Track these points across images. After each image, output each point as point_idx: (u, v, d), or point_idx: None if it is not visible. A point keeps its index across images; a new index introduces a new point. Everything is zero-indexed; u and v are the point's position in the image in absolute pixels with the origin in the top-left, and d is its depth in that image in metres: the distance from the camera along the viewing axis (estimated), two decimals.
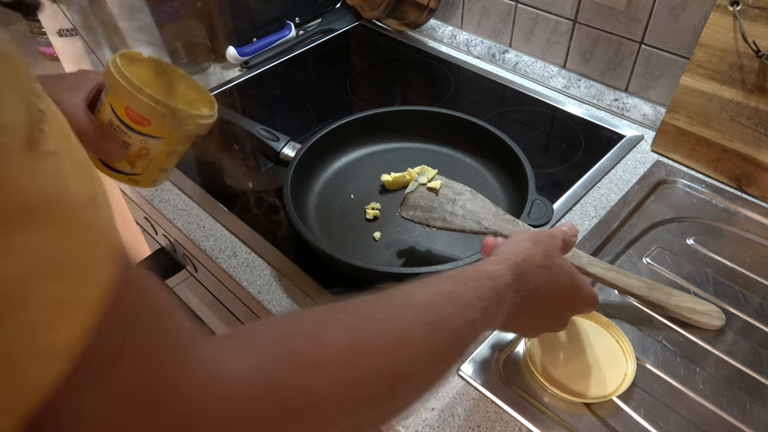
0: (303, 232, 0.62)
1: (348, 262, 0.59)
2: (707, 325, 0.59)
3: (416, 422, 0.54)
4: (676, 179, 0.77)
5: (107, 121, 0.52)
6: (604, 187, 0.77)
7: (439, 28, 1.11)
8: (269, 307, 0.64)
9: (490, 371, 0.57)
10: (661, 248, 0.68)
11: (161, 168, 0.58)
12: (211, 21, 1.03)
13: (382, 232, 0.70)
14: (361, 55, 1.09)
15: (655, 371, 0.57)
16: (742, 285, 0.64)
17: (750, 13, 0.68)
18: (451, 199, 0.63)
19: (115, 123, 0.52)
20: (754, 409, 0.53)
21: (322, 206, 0.74)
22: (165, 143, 0.55)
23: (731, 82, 0.72)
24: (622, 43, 0.86)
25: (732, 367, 0.57)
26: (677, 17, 0.79)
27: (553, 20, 0.93)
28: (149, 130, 0.53)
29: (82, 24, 0.84)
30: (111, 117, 0.52)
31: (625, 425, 0.53)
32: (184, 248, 0.81)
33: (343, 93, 0.99)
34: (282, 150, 0.75)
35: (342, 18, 1.17)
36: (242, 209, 0.76)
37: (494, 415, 0.54)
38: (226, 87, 1.01)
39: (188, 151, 0.60)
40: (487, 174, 0.77)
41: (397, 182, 0.75)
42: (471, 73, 1.01)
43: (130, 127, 0.52)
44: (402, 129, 0.81)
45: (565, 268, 0.48)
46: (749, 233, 0.70)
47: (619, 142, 0.84)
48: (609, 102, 0.91)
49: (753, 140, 0.72)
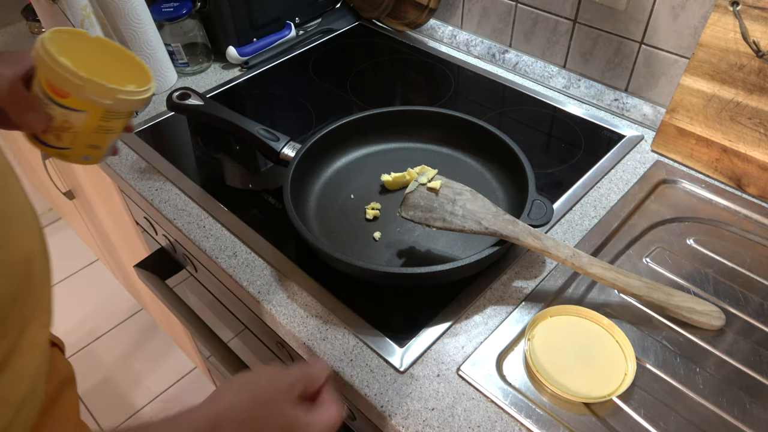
0: (303, 232, 0.62)
1: (348, 262, 0.59)
2: (707, 325, 0.59)
3: (416, 422, 0.54)
4: (676, 179, 0.77)
5: (35, 94, 0.54)
6: (604, 187, 0.77)
7: (439, 28, 1.11)
8: (269, 307, 0.64)
9: (490, 371, 0.57)
10: (661, 248, 0.68)
11: (90, 144, 0.59)
12: (211, 21, 1.03)
13: (382, 232, 0.70)
14: (361, 55, 1.09)
15: (655, 371, 0.57)
16: (742, 285, 0.64)
17: (750, 13, 0.68)
18: (451, 199, 0.63)
19: (41, 96, 0.54)
20: (754, 409, 0.53)
21: (322, 206, 0.74)
22: (88, 117, 0.56)
23: (731, 82, 0.72)
24: (622, 43, 0.86)
25: (732, 367, 0.57)
26: (677, 17, 0.79)
27: (553, 20, 0.93)
28: (69, 102, 0.54)
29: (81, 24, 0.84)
30: (37, 90, 0.54)
31: (625, 425, 0.53)
32: (184, 248, 0.81)
33: (343, 93, 0.99)
34: (282, 150, 0.75)
35: (342, 18, 1.17)
36: (242, 209, 0.76)
37: (494, 415, 0.54)
38: (226, 87, 1.01)
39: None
40: (487, 174, 0.77)
41: (397, 182, 0.75)
42: (471, 73, 1.01)
43: (52, 99, 0.54)
44: (402, 129, 0.81)
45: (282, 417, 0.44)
46: (749, 233, 0.70)
47: (619, 142, 0.84)
48: (609, 102, 0.91)
49: (753, 140, 0.72)
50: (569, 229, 0.72)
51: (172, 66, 1.01)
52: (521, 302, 0.63)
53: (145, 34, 0.93)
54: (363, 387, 0.57)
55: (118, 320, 1.80)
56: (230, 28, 1.02)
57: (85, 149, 0.59)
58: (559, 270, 0.66)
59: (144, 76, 0.60)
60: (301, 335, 0.61)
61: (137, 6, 0.90)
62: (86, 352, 1.71)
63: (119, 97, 0.56)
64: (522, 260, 0.68)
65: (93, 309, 1.83)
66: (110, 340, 1.75)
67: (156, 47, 0.96)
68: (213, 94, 0.99)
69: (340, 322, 0.62)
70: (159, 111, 0.95)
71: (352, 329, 0.61)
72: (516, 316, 0.62)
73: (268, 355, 0.86)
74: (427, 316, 0.62)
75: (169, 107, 0.81)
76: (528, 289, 0.65)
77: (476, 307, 0.63)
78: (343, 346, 0.60)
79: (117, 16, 0.89)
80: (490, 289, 0.65)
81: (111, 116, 0.58)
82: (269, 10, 1.07)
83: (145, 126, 0.92)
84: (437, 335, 0.60)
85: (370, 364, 0.59)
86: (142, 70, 0.61)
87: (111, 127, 0.59)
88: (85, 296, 1.87)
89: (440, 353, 0.59)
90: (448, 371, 0.58)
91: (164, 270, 0.92)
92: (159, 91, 1.00)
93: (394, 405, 0.55)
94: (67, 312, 1.81)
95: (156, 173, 0.83)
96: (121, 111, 0.58)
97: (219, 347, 0.80)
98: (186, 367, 1.66)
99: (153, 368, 1.67)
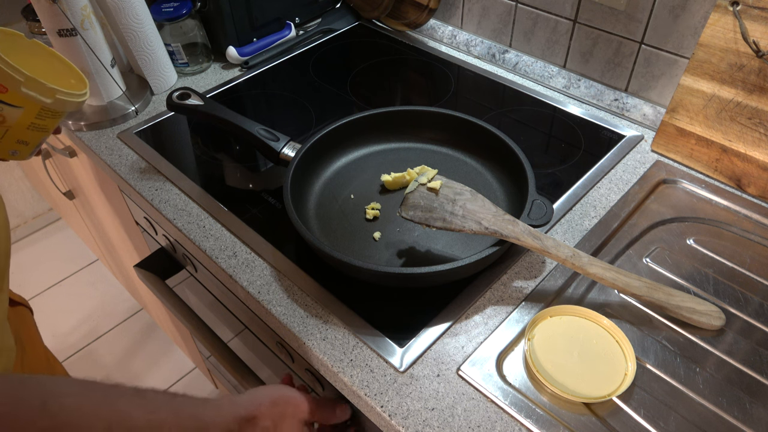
0: (303, 232, 0.62)
1: (348, 262, 0.59)
2: (707, 325, 0.59)
3: (416, 422, 0.54)
4: (676, 179, 0.77)
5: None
6: (604, 187, 0.77)
7: (439, 28, 1.11)
8: (269, 307, 0.64)
9: (490, 371, 0.57)
10: (661, 248, 0.68)
11: (20, 139, 0.60)
12: (211, 21, 1.03)
13: (382, 232, 0.70)
14: (361, 55, 1.09)
15: (655, 371, 0.57)
16: (742, 285, 0.64)
17: (750, 13, 0.68)
18: (451, 199, 0.63)
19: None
20: (754, 409, 0.53)
21: (322, 206, 0.74)
22: (24, 114, 0.57)
23: (731, 81, 0.72)
24: (622, 43, 0.86)
25: (732, 367, 0.57)
26: (677, 17, 0.79)
27: (553, 20, 0.93)
28: (6, 97, 0.55)
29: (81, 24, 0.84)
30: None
31: (625, 425, 0.53)
32: (184, 248, 0.81)
33: (343, 93, 0.99)
34: (282, 150, 0.75)
35: (342, 18, 1.17)
36: (242, 209, 0.76)
37: (494, 415, 0.54)
38: (226, 87, 1.01)
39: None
40: (487, 174, 0.77)
41: (397, 182, 0.75)
42: (471, 73, 1.01)
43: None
44: (402, 129, 0.81)
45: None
46: (749, 233, 0.70)
47: (619, 142, 0.84)
48: (609, 102, 0.91)
49: (753, 140, 0.72)
50: (569, 229, 0.72)
51: (172, 66, 1.01)
52: (521, 302, 0.63)
53: (145, 34, 0.93)
54: (363, 387, 0.57)
55: (118, 320, 1.80)
56: (230, 28, 1.02)
57: (13, 144, 0.61)
58: (559, 270, 0.66)
59: (79, 80, 0.63)
60: (301, 335, 0.61)
61: (137, 6, 0.90)
62: (86, 352, 1.71)
63: (58, 96, 0.58)
64: (522, 260, 0.68)
65: (93, 309, 1.83)
66: (110, 340, 1.75)
67: (156, 47, 0.96)
68: (213, 94, 0.99)
69: (340, 322, 0.62)
70: (159, 111, 0.95)
71: (352, 329, 0.61)
72: (516, 316, 0.62)
73: (268, 355, 0.86)
74: (427, 316, 0.62)
75: (169, 107, 0.81)
76: (528, 289, 0.65)
77: (476, 307, 0.63)
78: (343, 346, 0.60)
79: (117, 16, 0.89)
80: (490, 289, 0.65)
81: (46, 115, 0.60)
82: (269, 10, 1.07)
83: (145, 126, 0.92)
84: (437, 335, 0.60)
85: (370, 364, 0.59)
86: (76, 74, 0.63)
87: (44, 125, 0.61)
88: (85, 296, 1.87)
89: (440, 353, 0.59)
90: (448, 371, 0.58)
91: (164, 270, 0.92)
92: (159, 91, 1.00)
93: (394, 405, 0.55)
94: (67, 312, 1.81)
95: (156, 173, 0.83)
96: (57, 111, 0.60)
97: (219, 347, 0.80)
98: (186, 367, 1.66)
99: (153, 368, 1.67)
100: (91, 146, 0.89)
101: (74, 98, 0.60)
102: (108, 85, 0.92)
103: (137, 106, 0.94)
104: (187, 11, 0.98)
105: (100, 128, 0.92)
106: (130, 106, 0.94)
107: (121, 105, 0.94)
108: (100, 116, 0.92)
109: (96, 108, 0.94)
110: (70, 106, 0.61)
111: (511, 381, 0.56)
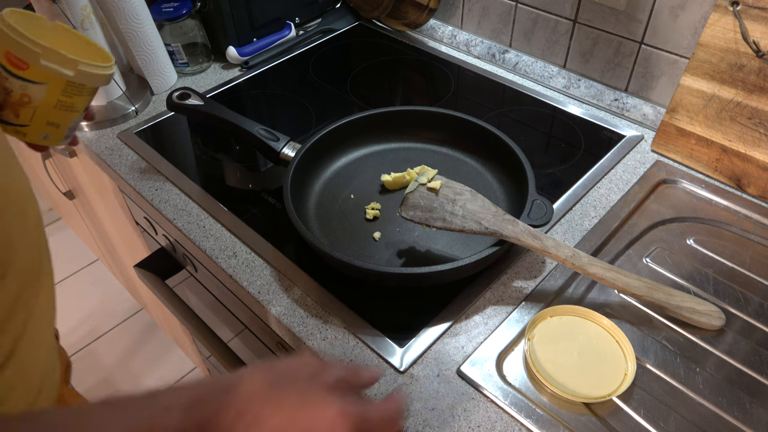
0: (303, 232, 0.62)
1: (348, 262, 0.59)
2: (707, 325, 0.59)
3: (416, 422, 0.54)
4: (676, 179, 0.77)
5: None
6: (604, 187, 0.77)
7: (439, 28, 1.11)
8: (269, 307, 0.64)
9: (490, 371, 0.57)
10: (661, 248, 0.68)
11: (49, 121, 0.57)
12: (211, 21, 1.03)
13: (382, 232, 0.70)
14: (361, 55, 1.09)
15: (655, 371, 0.57)
16: (742, 285, 0.64)
17: (750, 13, 0.68)
18: (451, 199, 0.63)
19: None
20: (754, 409, 0.53)
21: (322, 206, 0.74)
22: (49, 90, 0.54)
23: (731, 81, 0.72)
24: (622, 43, 0.86)
25: (732, 367, 0.57)
26: (677, 17, 0.79)
27: (553, 20, 0.93)
28: (28, 74, 0.53)
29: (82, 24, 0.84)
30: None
31: (625, 425, 0.53)
32: (184, 248, 0.81)
33: (343, 93, 0.99)
34: (282, 150, 0.75)
35: (342, 18, 1.17)
36: (242, 209, 0.76)
37: (494, 415, 0.54)
38: (226, 87, 1.01)
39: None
40: (487, 174, 0.77)
41: (397, 182, 0.75)
42: (471, 73, 1.01)
43: (10, 71, 0.52)
44: (402, 129, 0.81)
45: None
46: (749, 233, 0.70)
47: (619, 142, 0.84)
48: (609, 102, 0.91)
49: (753, 140, 0.72)
50: (569, 229, 0.72)
51: (172, 66, 1.01)
52: (521, 302, 0.63)
53: (145, 34, 0.93)
54: None
55: (118, 320, 1.80)
56: (230, 28, 1.02)
57: (44, 127, 0.58)
58: (559, 270, 0.66)
59: (104, 58, 0.59)
60: (301, 335, 0.61)
61: (137, 6, 0.90)
62: (86, 352, 1.71)
63: (80, 68, 0.55)
64: (522, 260, 0.68)
65: (93, 309, 1.83)
66: (110, 340, 1.75)
67: (156, 47, 0.96)
68: (213, 94, 0.99)
69: (340, 322, 0.62)
70: (159, 111, 0.95)
71: (352, 329, 0.61)
72: (516, 316, 0.62)
73: (268, 355, 0.86)
74: (427, 316, 0.62)
75: (169, 107, 0.81)
76: (528, 289, 0.65)
77: (476, 307, 0.63)
78: (343, 346, 0.60)
79: (117, 16, 0.89)
80: (490, 289, 0.65)
81: (72, 91, 0.56)
82: (269, 10, 1.07)
83: (145, 126, 0.92)
84: (437, 335, 0.60)
85: (370, 364, 0.59)
86: (101, 52, 0.60)
87: (72, 103, 0.58)
88: (85, 296, 1.87)
89: (440, 353, 0.59)
90: (448, 371, 0.58)
91: (164, 270, 0.92)
92: (159, 91, 1.00)
93: None
94: (67, 312, 1.81)
95: (156, 173, 0.83)
96: (84, 85, 0.57)
97: (219, 347, 0.80)
98: (186, 367, 1.66)
99: (153, 368, 1.67)
100: (91, 146, 0.89)
101: (98, 70, 0.57)
102: (108, 85, 0.92)
103: (137, 106, 0.94)
104: (187, 11, 0.98)
105: (100, 128, 0.92)
106: (130, 106, 0.94)
107: (121, 105, 0.94)
108: (100, 116, 0.92)
109: (96, 108, 0.94)
110: (95, 79, 0.57)
111: (511, 381, 0.56)
